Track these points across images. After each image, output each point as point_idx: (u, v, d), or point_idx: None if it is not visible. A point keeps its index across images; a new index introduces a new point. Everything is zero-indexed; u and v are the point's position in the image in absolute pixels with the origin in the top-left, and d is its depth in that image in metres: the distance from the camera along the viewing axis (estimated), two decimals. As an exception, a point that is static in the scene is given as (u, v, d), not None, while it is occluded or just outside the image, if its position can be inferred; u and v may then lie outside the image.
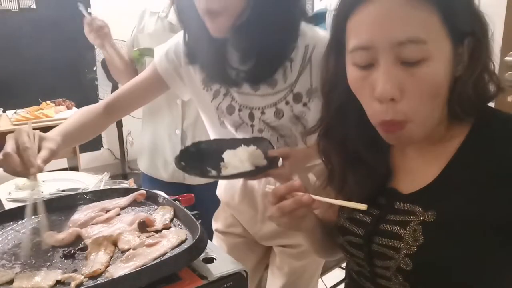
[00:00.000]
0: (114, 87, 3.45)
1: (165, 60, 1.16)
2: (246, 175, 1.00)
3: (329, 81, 0.77)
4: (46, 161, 0.89)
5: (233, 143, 1.06)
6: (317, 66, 1.02)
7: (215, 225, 1.37)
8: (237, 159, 1.00)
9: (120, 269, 0.73)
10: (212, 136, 1.25)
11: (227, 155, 1.02)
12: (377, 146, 0.75)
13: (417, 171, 0.74)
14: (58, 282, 0.72)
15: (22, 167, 0.85)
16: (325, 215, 0.89)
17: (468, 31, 0.64)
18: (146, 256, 0.76)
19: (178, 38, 1.16)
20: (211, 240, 0.85)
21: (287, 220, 0.77)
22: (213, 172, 1.02)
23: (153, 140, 1.72)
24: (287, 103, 1.06)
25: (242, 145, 1.03)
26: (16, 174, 0.86)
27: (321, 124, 0.81)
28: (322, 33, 1.06)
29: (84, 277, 0.72)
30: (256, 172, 1.00)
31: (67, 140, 1.02)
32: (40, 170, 0.86)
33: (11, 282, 0.72)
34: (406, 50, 0.61)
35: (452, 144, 0.70)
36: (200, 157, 1.08)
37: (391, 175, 0.78)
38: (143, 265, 0.73)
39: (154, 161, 1.73)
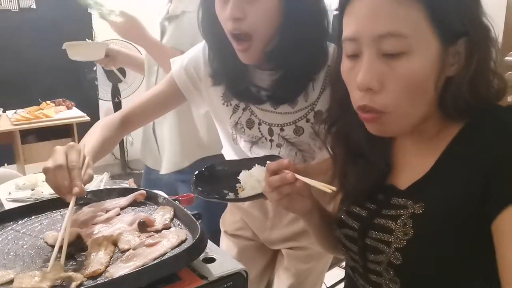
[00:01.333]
0: (114, 87, 3.45)
1: (184, 74, 1.16)
2: (264, 195, 0.99)
3: (335, 71, 0.78)
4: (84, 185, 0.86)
5: (247, 163, 1.05)
6: None
7: (224, 227, 1.37)
8: (254, 179, 0.99)
9: (120, 269, 0.73)
10: (226, 150, 1.25)
11: (243, 176, 1.02)
12: (377, 142, 0.76)
13: (413, 167, 0.75)
14: (58, 282, 0.72)
15: (69, 183, 0.83)
16: (334, 209, 0.91)
17: (461, 31, 0.64)
18: (146, 256, 0.76)
19: (197, 51, 1.15)
20: (211, 240, 0.85)
21: (276, 196, 0.81)
22: (231, 195, 1.02)
23: (146, 128, 1.80)
24: (307, 120, 1.07)
25: (256, 164, 1.02)
26: (58, 188, 0.84)
27: (328, 115, 0.84)
28: None
29: (84, 277, 0.72)
30: None
31: (95, 160, 1.01)
32: (82, 194, 0.84)
33: (11, 282, 0.72)
34: (387, 43, 0.63)
35: (447, 140, 0.70)
36: (215, 180, 1.08)
37: (391, 171, 0.79)
38: (143, 265, 0.73)
39: (144, 148, 1.83)
